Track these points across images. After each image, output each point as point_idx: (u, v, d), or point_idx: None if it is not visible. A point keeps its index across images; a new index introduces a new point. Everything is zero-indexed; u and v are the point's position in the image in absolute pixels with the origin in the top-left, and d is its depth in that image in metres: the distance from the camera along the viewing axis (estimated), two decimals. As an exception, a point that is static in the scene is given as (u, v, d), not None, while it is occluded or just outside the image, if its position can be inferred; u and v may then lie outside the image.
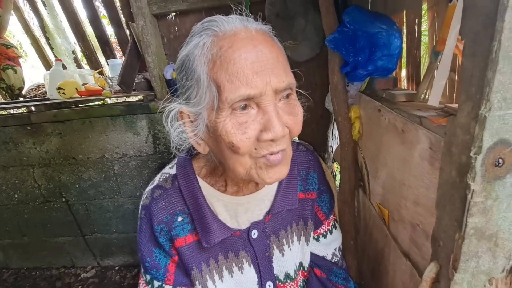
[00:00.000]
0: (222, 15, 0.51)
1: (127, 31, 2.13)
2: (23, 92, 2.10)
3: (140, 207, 0.65)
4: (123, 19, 2.12)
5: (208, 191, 0.62)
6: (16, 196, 1.89)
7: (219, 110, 0.47)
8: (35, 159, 1.78)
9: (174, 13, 1.61)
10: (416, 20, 0.83)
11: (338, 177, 1.88)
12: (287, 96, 0.51)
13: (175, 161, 0.67)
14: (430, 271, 0.51)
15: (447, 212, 0.47)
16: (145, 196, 0.64)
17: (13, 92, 2.04)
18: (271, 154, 0.49)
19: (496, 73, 0.34)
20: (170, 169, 0.66)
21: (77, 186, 1.84)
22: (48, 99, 1.84)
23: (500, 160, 0.38)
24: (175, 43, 1.71)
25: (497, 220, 0.42)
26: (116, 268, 2.04)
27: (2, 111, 2.00)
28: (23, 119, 1.69)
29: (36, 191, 1.87)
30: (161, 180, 0.64)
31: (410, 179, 0.61)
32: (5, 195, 1.88)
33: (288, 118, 0.50)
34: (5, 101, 2.12)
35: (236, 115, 0.47)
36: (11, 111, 1.93)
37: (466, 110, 0.40)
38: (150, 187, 0.65)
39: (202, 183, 0.62)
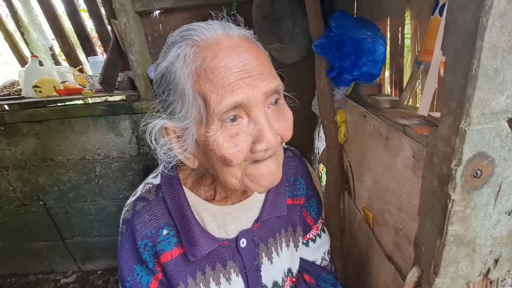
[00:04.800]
0: (201, 22, 0.49)
1: (109, 27, 2.05)
2: (-4, 89, 1.98)
3: (120, 221, 0.61)
4: (104, 13, 2.04)
5: (195, 201, 0.60)
6: (-12, 200, 1.79)
7: (208, 124, 0.45)
8: (10, 161, 1.69)
9: (158, 11, 1.57)
10: (400, 27, 0.85)
11: (323, 178, 1.92)
12: (276, 101, 0.50)
13: (159, 170, 0.64)
14: (413, 275, 0.53)
15: (428, 220, 0.49)
16: (126, 209, 0.61)
17: (-14, 90, 1.92)
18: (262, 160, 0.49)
19: (475, 90, 0.36)
20: (154, 179, 0.63)
21: (56, 188, 1.76)
22: (23, 97, 1.74)
23: (478, 172, 0.40)
24: (159, 41, 1.67)
25: (475, 227, 0.44)
26: (99, 272, 1.99)
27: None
28: (-4, 119, 1.60)
29: (11, 194, 1.78)
30: (143, 191, 0.61)
31: (393, 185, 0.63)
32: (-23, 199, 1.78)
33: (279, 125, 0.49)
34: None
35: (227, 127, 0.46)
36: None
37: (447, 123, 0.41)
38: (131, 199, 0.62)
39: (188, 194, 0.60)
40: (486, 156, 0.39)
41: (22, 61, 2.26)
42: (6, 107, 1.76)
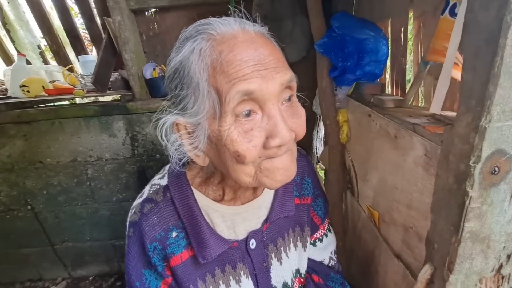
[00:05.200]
0: (217, 17, 0.48)
1: (98, 20, 1.97)
2: (-21, 89, 1.89)
3: (127, 223, 0.59)
4: (95, 11, 1.98)
5: (204, 202, 0.59)
6: (-28, 205, 1.70)
7: (221, 118, 0.44)
8: (-5, 164, 1.61)
9: (154, 9, 1.54)
10: (402, 28, 0.86)
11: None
12: (289, 98, 0.50)
13: (166, 170, 0.62)
14: (425, 272, 0.53)
15: (442, 217, 0.49)
16: (133, 211, 0.59)
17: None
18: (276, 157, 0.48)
19: (497, 87, 0.36)
20: (161, 180, 0.61)
21: (45, 192, 1.69)
22: (10, 97, 1.67)
23: (496, 168, 0.41)
24: (154, 40, 1.64)
25: (491, 223, 0.44)
26: (90, 278, 1.92)
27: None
28: (-20, 120, 1.52)
29: (-4, 198, 1.69)
30: (151, 192, 0.59)
31: (403, 183, 0.63)
32: (-41, 204, 1.69)
33: (292, 121, 0.49)
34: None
35: (241, 122, 0.45)
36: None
37: (465, 121, 0.41)
38: (138, 201, 0.60)
39: (197, 194, 0.59)
40: (505, 153, 0.40)
41: (8, 59, 2.16)
42: (-9, 108, 1.68)
